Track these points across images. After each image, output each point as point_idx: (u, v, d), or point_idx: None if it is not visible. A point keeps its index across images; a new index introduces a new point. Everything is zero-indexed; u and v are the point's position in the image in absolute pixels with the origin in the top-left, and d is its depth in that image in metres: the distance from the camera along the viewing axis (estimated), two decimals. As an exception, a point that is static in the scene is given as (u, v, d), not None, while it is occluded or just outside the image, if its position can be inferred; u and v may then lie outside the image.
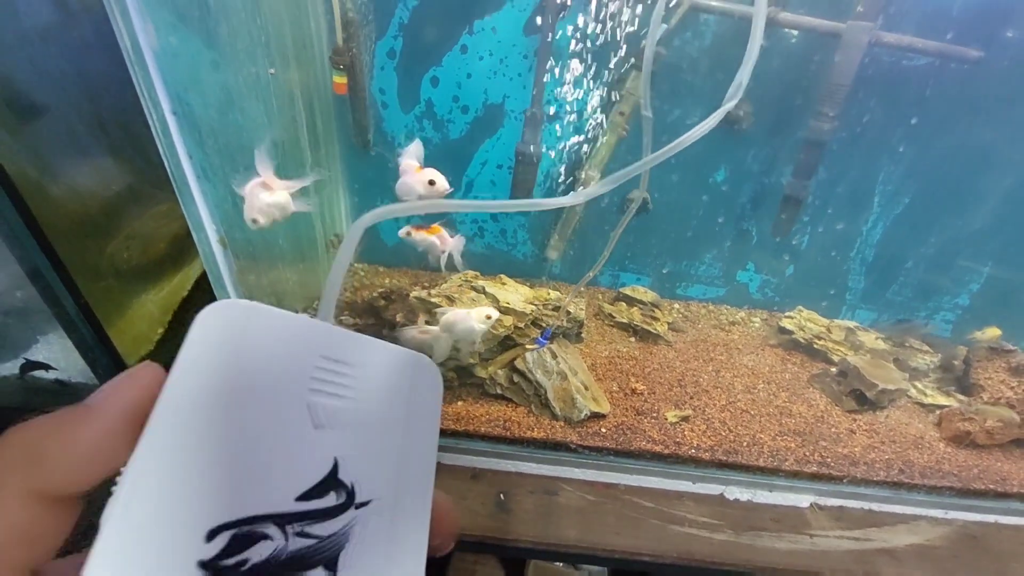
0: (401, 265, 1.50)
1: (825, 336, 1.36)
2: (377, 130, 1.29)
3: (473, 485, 0.98)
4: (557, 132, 1.28)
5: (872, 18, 0.99)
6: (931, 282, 1.40)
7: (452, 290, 1.09)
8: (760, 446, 1.07)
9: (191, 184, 0.74)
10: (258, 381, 0.22)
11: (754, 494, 1.02)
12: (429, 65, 1.20)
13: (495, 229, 1.44)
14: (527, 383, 1.08)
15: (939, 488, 1.05)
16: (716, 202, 1.35)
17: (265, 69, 0.93)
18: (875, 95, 1.14)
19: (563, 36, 1.15)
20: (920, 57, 1.08)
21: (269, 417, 0.22)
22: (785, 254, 1.43)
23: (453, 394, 1.10)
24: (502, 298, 1.10)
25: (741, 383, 1.23)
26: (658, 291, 1.47)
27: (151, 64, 0.63)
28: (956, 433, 1.13)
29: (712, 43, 1.12)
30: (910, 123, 1.17)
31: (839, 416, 1.17)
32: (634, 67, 1.11)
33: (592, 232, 1.39)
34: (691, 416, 1.11)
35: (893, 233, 1.34)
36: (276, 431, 0.22)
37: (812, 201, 1.25)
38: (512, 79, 1.21)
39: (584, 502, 0.98)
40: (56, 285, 0.89)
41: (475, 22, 1.14)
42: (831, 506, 1.03)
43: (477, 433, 1.02)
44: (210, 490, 0.20)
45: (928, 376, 1.32)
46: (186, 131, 0.71)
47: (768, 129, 1.23)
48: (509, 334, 1.09)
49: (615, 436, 1.04)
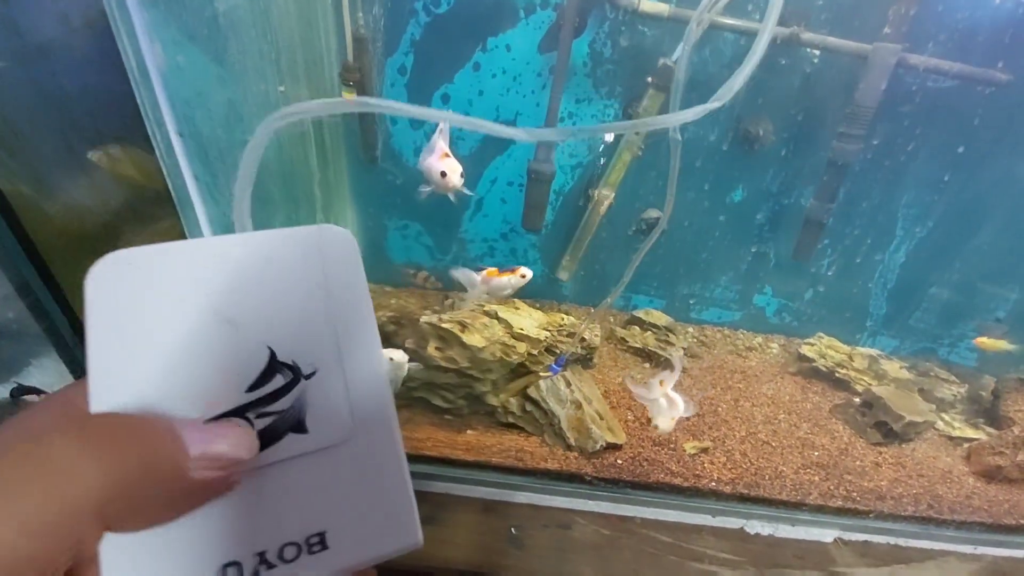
0: (408, 285, 1.46)
1: (847, 364, 1.32)
2: (385, 147, 1.26)
3: (484, 518, 0.94)
4: (570, 149, 1.26)
5: (899, 40, 0.96)
6: (955, 308, 1.36)
7: (464, 315, 1.05)
8: (783, 479, 1.03)
9: (196, 207, 0.71)
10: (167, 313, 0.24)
11: (776, 528, 0.99)
12: (440, 82, 1.18)
13: (505, 248, 1.41)
14: (540, 412, 1.04)
15: (968, 523, 1.02)
16: (733, 223, 1.32)
17: (275, 86, 0.90)
18: (900, 118, 1.12)
19: (579, 54, 1.13)
20: (946, 80, 1.05)
21: (191, 341, 0.24)
22: (804, 278, 1.39)
23: (463, 423, 1.06)
24: (515, 323, 1.07)
25: (761, 413, 1.19)
26: (672, 314, 1.44)
27: (157, 85, 0.60)
28: (986, 467, 1.09)
29: (731, 61, 1.10)
30: (935, 146, 1.15)
31: (864, 449, 1.13)
32: (652, 85, 1.08)
33: (604, 253, 1.36)
34: (710, 447, 1.07)
35: (916, 258, 1.31)
36: (206, 347, 0.24)
37: (833, 224, 1.22)
38: (525, 96, 1.18)
39: (599, 536, 0.94)
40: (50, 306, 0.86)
41: (489, 39, 1.12)
42: (856, 541, 0.99)
43: (488, 464, 0.99)
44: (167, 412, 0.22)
45: (955, 407, 1.29)
46: (192, 152, 0.68)
47: (787, 149, 1.20)
48: (522, 361, 1.05)
49: (632, 468, 1.01)
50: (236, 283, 0.25)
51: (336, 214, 1.30)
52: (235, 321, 0.25)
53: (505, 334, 1.05)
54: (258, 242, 0.26)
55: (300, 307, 0.26)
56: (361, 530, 0.24)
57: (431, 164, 0.64)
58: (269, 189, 0.94)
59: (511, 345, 1.05)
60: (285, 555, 0.23)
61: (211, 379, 0.24)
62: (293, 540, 0.23)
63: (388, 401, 0.26)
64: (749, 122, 1.15)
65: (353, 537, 0.24)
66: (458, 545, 0.88)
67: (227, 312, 0.24)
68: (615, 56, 1.13)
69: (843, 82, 1.07)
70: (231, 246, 0.26)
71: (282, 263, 0.26)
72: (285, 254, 0.26)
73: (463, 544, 0.88)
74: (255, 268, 0.26)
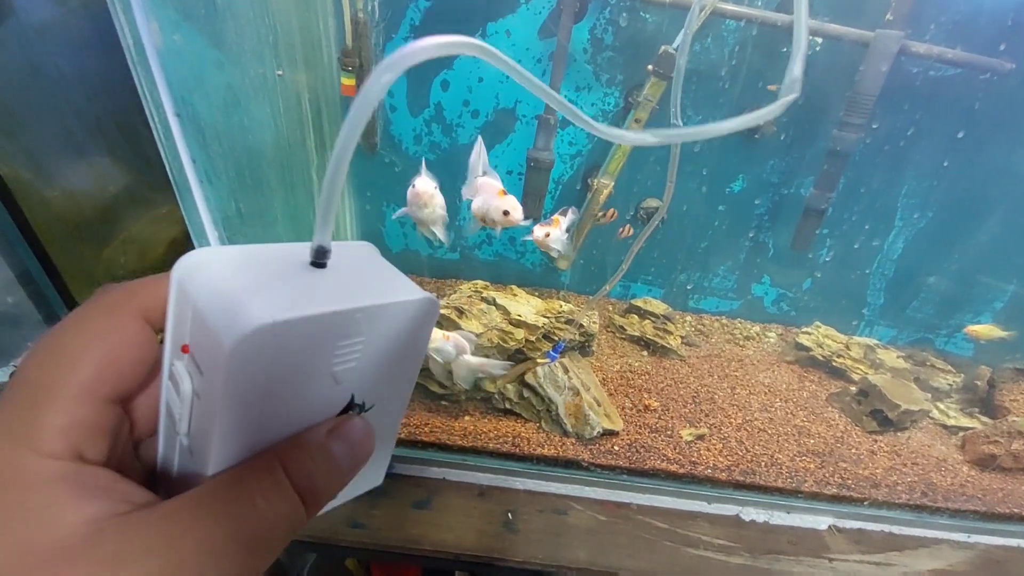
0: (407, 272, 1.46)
1: (844, 353, 1.32)
2: (384, 133, 1.26)
3: (480, 503, 0.94)
4: (570, 138, 1.25)
5: (902, 27, 0.96)
6: (953, 299, 1.36)
7: (462, 301, 1.05)
8: (778, 466, 1.03)
9: (193, 189, 0.71)
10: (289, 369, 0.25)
11: (771, 515, 0.99)
12: (440, 68, 1.17)
13: (504, 237, 1.41)
14: (537, 398, 1.04)
15: (962, 512, 1.02)
16: (732, 212, 1.31)
17: (272, 70, 0.89)
18: (901, 106, 1.11)
19: (579, 40, 1.12)
20: (948, 68, 1.05)
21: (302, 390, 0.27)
22: (802, 267, 1.39)
23: (460, 409, 1.06)
24: (513, 310, 1.07)
25: (758, 401, 1.19)
26: (670, 303, 1.44)
27: (154, 64, 0.60)
28: (981, 456, 1.10)
29: (733, 49, 1.09)
30: (935, 135, 1.14)
31: (859, 437, 1.14)
32: (652, 73, 1.08)
33: (603, 241, 1.35)
34: (707, 434, 1.07)
35: (915, 248, 1.30)
36: (309, 396, 0.27)
37: (832, 213, 1.22)
38: (525, 83, 1.17)
39: (595, 522, 0.94)
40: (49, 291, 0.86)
41: (488, 24, 1.11)
42: (850, 528, 1.00)
43: (485, 450, 0.99)
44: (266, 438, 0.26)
45: (950, 397, 1.29)
46: (190, 134, 0.67)
47: (788, 138, 1.19)
48: (520, 347, 1.05)
49: (628, 454, 1.01)
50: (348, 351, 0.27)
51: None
52: (339, 377, 0.28)
53: (503, 320, 1.06)
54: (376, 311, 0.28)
55: (384, 367, 0.30)
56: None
57: (491, 204, 0.65)
58: (266, 174, 0.93)
59: (508, 331, 1.05)
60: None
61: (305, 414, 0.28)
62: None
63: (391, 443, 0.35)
64: (750, 111, 1.14)
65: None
66: (454, 530, 0.88)
67: (335, 373, 0.27)
68: (616, 42, 1.13)
69: (844, 70, 1.06)
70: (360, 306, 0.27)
71: (389, 331, 0.29)
72: (393, 324, 0.29)
73: (459, 529, 0.89)
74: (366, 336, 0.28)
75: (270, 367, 0.24)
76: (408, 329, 0.29)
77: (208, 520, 0.21)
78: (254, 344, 0.23)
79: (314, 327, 0.25)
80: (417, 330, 0.30)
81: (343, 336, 0.26)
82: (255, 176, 0.89)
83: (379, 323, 0.28)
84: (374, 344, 0.28)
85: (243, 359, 0.23)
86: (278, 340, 0.23)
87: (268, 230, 0.95)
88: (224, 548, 0.21)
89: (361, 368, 0.28)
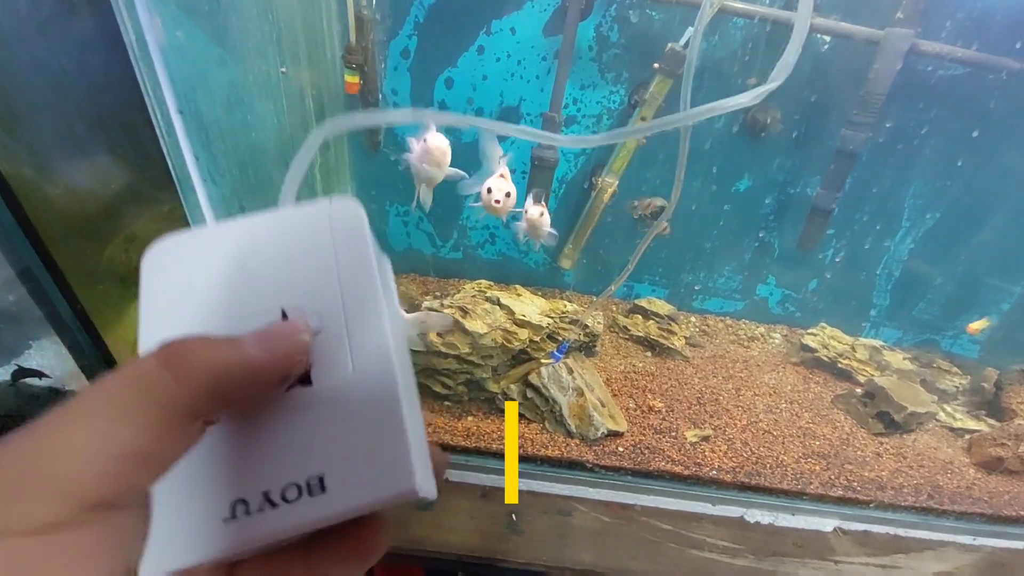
0: (409, 272, 1.46)
1: (850, 355, 1.32)
2: (387, 131, 1.25)
3: (483, 504, 0.94)
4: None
5: (912, 25, 0.95)
6: (959, 300, 1.36)
7: (466, 301, 1.05)
8: (784, 468, 1.03)
9: (196, 187, 0.70)
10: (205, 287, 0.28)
11: (776, 517, 0.99)
12: (444, 66, 1.16)
13: (507, 236, 1.40)
14: (541, 399, 1.04)
15: (968, 514, 1.02)
16: (738, 212, 1.30)
17: (275, 67, 0.89)
18: (910, 105, 1.10)
19: (585, 38, 1.11)
20: (957, 67, 1.04)
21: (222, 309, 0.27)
22: (808, 268, 1.38)
23: (463, 409, 1.06)
24: (517, 310, 1.06)
25: (763, 402, 1.19)
26: (675, 303, 1.43)
27: (157, 60, 0.59)
28: (987, 458, 1.09)
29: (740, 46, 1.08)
30: (944, 135, 1.13)
31: (865, 439, 1.13)
32: (659, 71, 1.07)
33: (607, 241, 1.35)
34: (711, 436, 1.07)
35: (922, 249, 1.30)
36: (235, 311, 0.27)
37: (838, 214, 1.21)
38: (529, 81, 1.17)
39: (599, 524, 0.94)
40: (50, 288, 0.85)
41: (493, 22, 1.11)
42: (855, 531, 0.99)
43: (488, 450, 0.99)
44: None
45: (957, 399, 1.28)
46: (192, 131, 0.67)
47: (795, 137, 1.19)
48: (524, 348, 1.05)
49: (633, 455, 1.00)
50: (259, 255, 0.29)
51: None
52: (257, 289, 0.28)
53: (507, 320, 1.05)
54: (279, 218, 0.30)
55: (310, 273, 0.29)
56: (358, 476, 0.25)
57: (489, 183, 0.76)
58: (269, 171, 0.93)
59: (513, 332, 1.04)
60: (287, 495, 0.25)
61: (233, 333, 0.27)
62: (294, 481, 0.25)
63: (391, 358, 0.28)
64: (757, 110, 1.14)
65: (350, 482, 0.25)
66: (457, 531, 0.88)
67: (251, 281, 0.28)
68: (622, 40, 1.12)
69: (853, 69, 1.05)
70: (258, 223, 0.29)
71: (296, 235, 0.29)
72: (300, 227, 0.29)
73: (462, 530, 0.88)
74: (274, 241, 0.29)
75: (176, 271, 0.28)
76: (324, 229, 0.29)
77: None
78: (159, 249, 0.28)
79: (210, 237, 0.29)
80: (345, 237, 0.29)
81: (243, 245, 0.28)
82: (258, 174, 0.89)
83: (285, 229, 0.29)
84: (288, 252, 0.29)
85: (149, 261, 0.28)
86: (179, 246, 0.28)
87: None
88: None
89: (280, 275, 0.28)
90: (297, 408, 0.26)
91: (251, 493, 0.25)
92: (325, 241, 0.29)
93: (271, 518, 0.24)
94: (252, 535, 0.24)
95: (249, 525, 0.24)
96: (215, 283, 0.28)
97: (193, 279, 0.28)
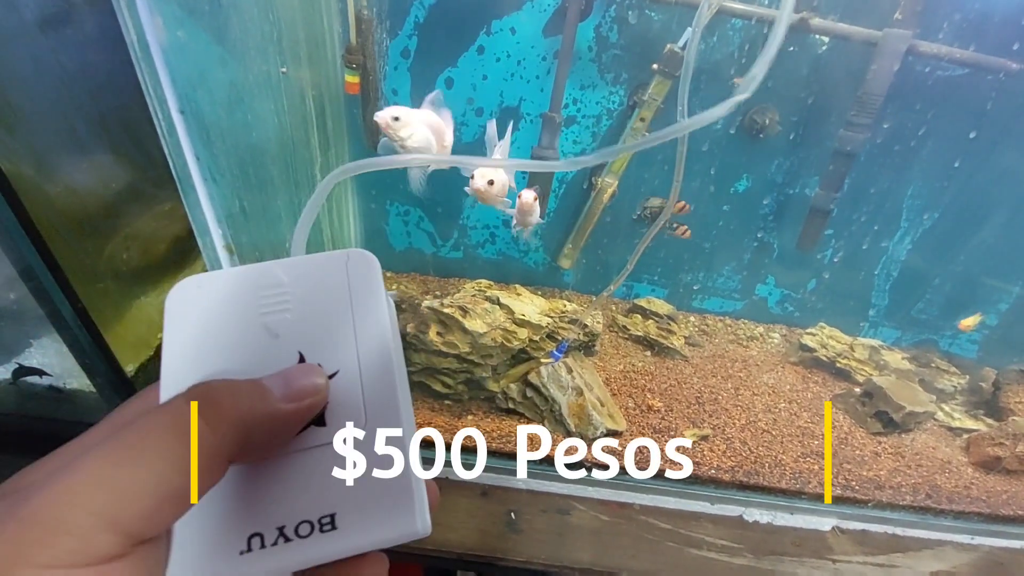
0: (410, 271, 1.46)
1: (848, 354, 1.32)
2: (387, 132, 1.25)
3: (482, 503, 0.94)
4: (574, 136, 1.24)
5: (911, 26, 0.95)
6: (958, 300, 1.36)
7: (465, 300, 1.05)
8: (782, 468, 1.03)
9: (197, 186, 0.70)
10: (225, 327, 0.29)
11: (774, 516, 0.99)
12: (444, 66, 1.17)
13: (507, 235, 1.41)
14: (541, 398, 1.04)
15: (966, 513, 1.02)
16: (737, 212, 1.31)
17: (276, 67, 0.89)
18: (908, 106, 1.10)
19: (584, 38, 1.11)
20: (956, 68, 1.04)
21: (241, 349, 0.29)
22: (807, 268, 1.39)
23: (463, 408, 1.06)
24: (517, 310, 1.06)
25: (761, 402, 1.19)
26: (674, 303, 1.43)
27: (158, 60, 0.59)
28: (985, 458, 1.10)
29: (739, 48, 1.09)
30: (942, 136, 1.13)
31: (864, 438, 1.14)
32: (657, 72, 1.07)
33: (606, 241, 1.35)
34: (710, 435, 1.07)
35: (920, 249, 1.30)
36: (255, 354, 0.29)
37: (837, 214, 1.21)
38: (530, 81, 1.17)
39: (598, 522, 0.94)
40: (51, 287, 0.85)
41: (493, 22, 1.11)
42: (853, 530, 0.99)
43: (487, 449, 0.98)
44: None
45: (955, 399, 1.28)
46: (193, 130, 0.67)
47: (793, 138, 1.19)
48: (524, 347, 1.05)
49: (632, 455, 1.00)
50: (280, 301, 0.30)
51: (337, 199, 1.29)
52: (277, 333, 0.29)
53: (506, 320, 1.05)
54: (299, 265, 0.31)
55: (328, 319, 0.30)
56: (367, 516, 0.27)
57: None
58: (270, 172, 0.93)
59: (512, 331, 1.04)
60: (300, 531, 0.26)
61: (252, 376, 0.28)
62: (308, 518, 0.26)
63: (397, 401, 0.29)
64: (755, 111, 1.14)
65: (359, 521, 0.27)
66: (456, 529, 0.88)
67: (272, 326, 0.29)
68: (621, 41, 1.12)
69: (851, 70, 1.05)
70: (279, 270, 0.31)
71: (316, 282, 0.31)
72: (319, 274, 0.31)
73: (461, 528, 0.89)
74: (292, 285, 0.30)
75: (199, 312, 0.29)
76: (340, 276, 0.31)
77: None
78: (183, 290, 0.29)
79: (234, 279, 0.30)
80: (360, 285, 0.31)
81: (262, 284, 0.30)
82: (259, 174, 0.89)
83: (301, 272, 0.31)
84: (303, 294, 0.30)
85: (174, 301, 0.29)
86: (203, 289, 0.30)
87: (272, 228, 0.95)
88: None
89: (299, 322, 0.30)
90: (311, 447, 0.28)
91: (267, 528, 0.26)
92: (341, 288, 0.31)
93: (284, 552, 0.26)
94: (265, 568, 0.26)
95: (263, 558, 0.26)
96: (235, 324, 0.29)
97: (214, 319, 0.29)
